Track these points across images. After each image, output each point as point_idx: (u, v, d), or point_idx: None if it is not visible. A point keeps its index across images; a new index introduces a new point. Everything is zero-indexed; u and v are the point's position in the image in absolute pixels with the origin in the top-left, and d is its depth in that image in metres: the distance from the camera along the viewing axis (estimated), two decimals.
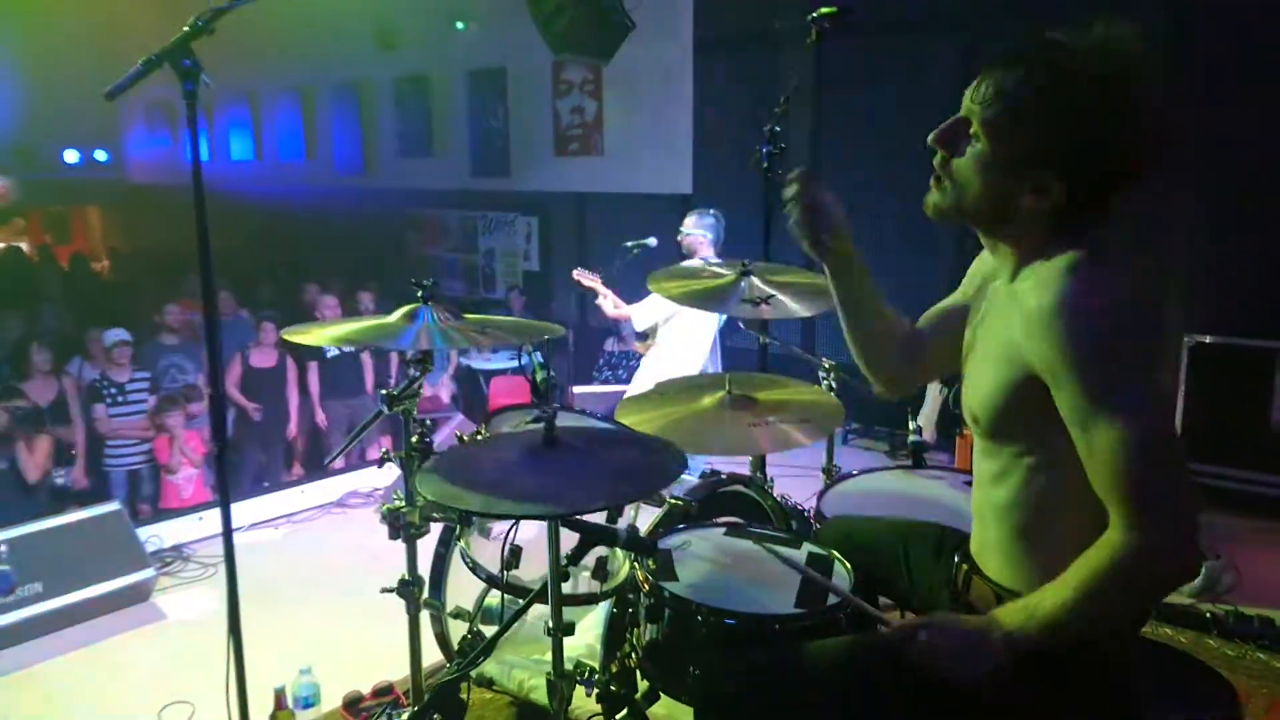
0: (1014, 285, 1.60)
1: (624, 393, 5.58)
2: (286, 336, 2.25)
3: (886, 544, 2.13)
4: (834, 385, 2.95)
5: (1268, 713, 3.25)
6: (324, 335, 2.30)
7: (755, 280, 2.80)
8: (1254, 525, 4.99)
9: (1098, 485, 1.47)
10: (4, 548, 4.00)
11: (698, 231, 5.15)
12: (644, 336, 5.44)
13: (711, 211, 5.26)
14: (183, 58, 1.90)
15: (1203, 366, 5.24)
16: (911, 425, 2.79)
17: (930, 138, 1.59)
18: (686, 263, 5.11)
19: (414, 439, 2.35)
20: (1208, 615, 3.89)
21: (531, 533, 2.38)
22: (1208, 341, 5.22)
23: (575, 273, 5.42)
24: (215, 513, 4.93)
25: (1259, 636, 3.74)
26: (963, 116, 1.56)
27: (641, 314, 5.20)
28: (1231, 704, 1.74)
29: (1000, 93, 1.49)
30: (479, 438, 2.56)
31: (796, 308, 2.77)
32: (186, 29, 1.91)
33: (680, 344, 5.15)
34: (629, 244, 5.33)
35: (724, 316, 5.37)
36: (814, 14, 3.03)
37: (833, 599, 2.06)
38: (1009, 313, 1.57)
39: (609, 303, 5.35)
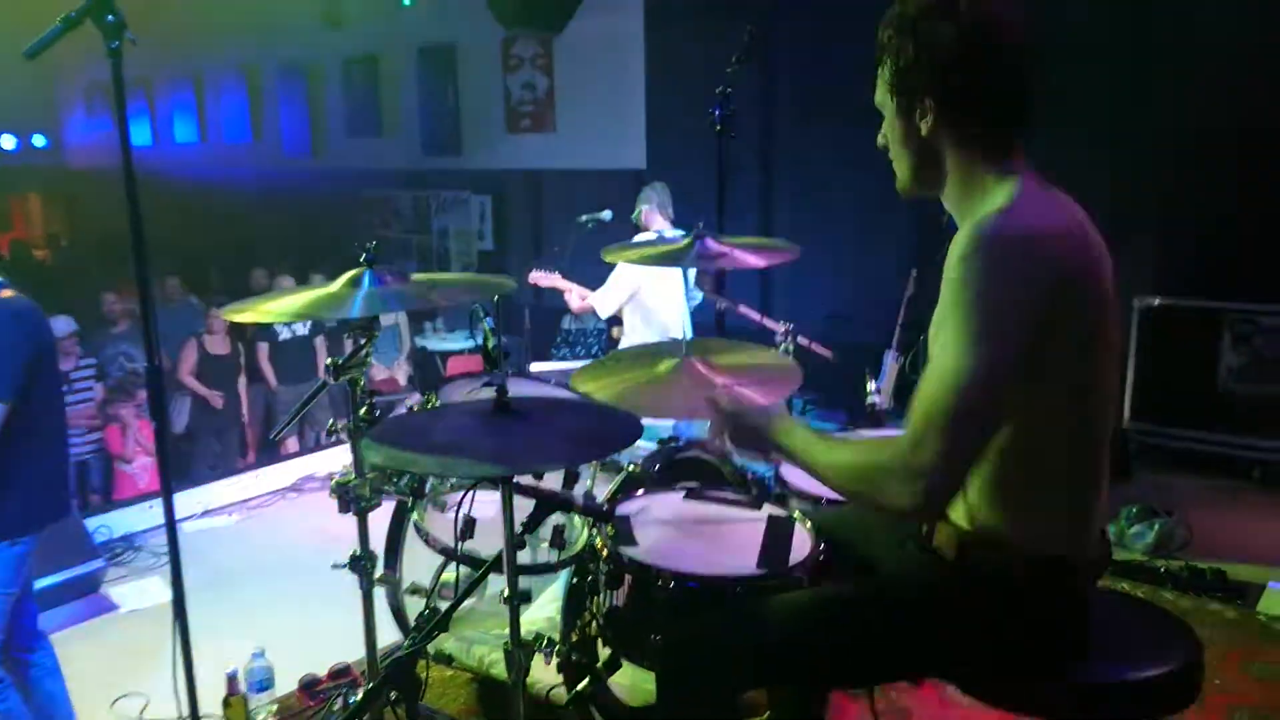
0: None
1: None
2: (228, 315, 2.15)
3: (848, 524, 2.16)
4: (790, 349, 2.93)
5: (1223, 661, 3.31)
6: (268, 310, 2.20)
7: (709, 242, 2.77)
8: (1203, 483, 5.08)
9: (916, 398, 1.55)
10: None
11: (641, 205, 5.13)
12: (614, 322, 5.35)
13: (653, 185, 5.23)
14: (105, 13, 1.81)
15: (1152, 328, 5.31)
16: (870, 386, 2.77)
17: (878, 143, 1.77)
18: (638, 236, 5.06)
19: (362, 411, 2.27)
20: (1163, 570, 3.96)
21: (489, 512, 2.32)
22: (1156, 303, 5.29)
23: (531, 276, 5.28)
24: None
25: (1212, 589, 3.82)
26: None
27: (603, 301, 5.10)
28: (1195, 651, 1.75)
29: (879, 65, 1.68)
30: (429, 405, 2.50)
31: (753, 259, 2.76)
32: None
33: (647, 324, 5.07)
34: (584, 218, 5.27)
35: (690, 289, 5.32)
36: None
37: (794, 559, 2.04)
38: None
39: (574, 296, 5.24)
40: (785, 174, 7.15)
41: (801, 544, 2.12)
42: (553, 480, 2.33)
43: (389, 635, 2.86)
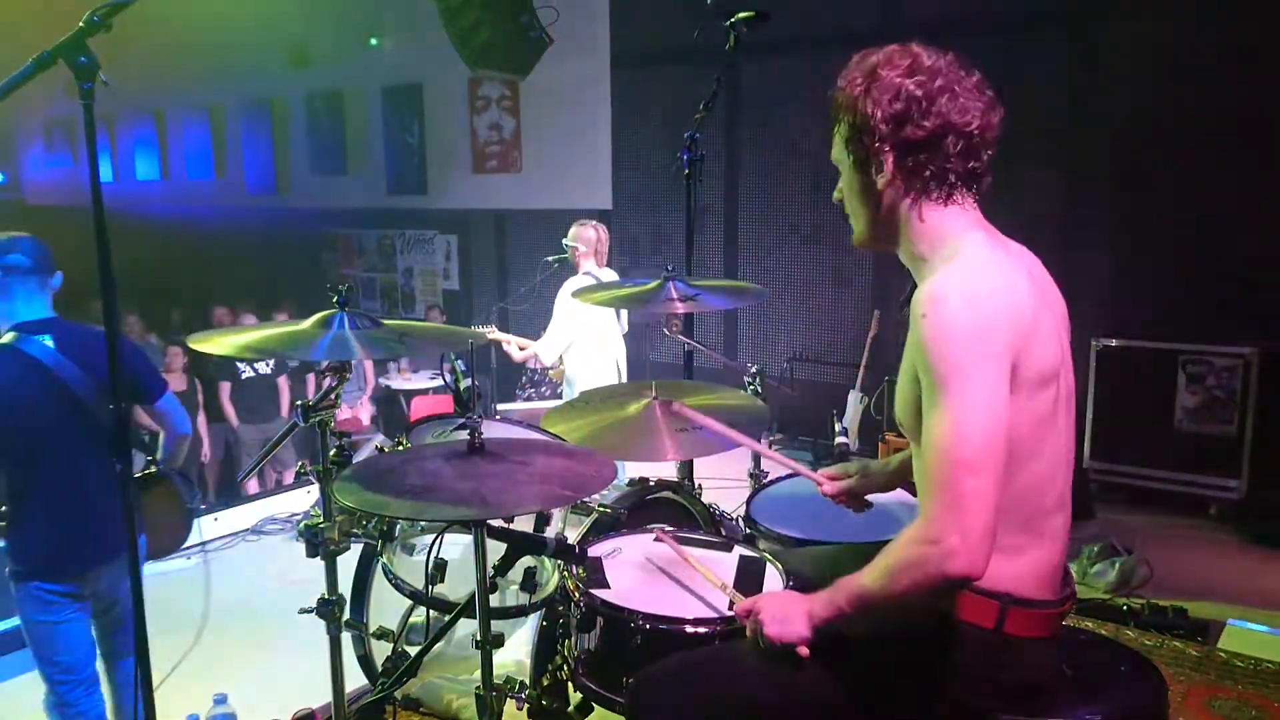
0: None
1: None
2: (194, 344, 2.13)
3: (817, 564, 2.16)
4: (759, 390, 2.96)
5: (1185, 698, 3.35)
6: (235, 343, 2.18)
7: (679, 284, 2.80)
8: (1162, 521, 5.15)
9: (919, 475, 1.56)
10: None
11: (575, 244, 5.13)
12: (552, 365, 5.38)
13: (592, 223, 5.25)
14: (78, 54, 1.79)
15: (1110, 369, 5.41)
16: (837, 427, 2.79)
17: (834, 198, 1.82)
18: (573, 278, 5.07)
19: (332, 452, 2.26)
20: (1124, 608, 4.00)
21: (456, 552, 2.31)
22: (1114, 345, 5.39)
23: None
24: None
25: (1173, 626, 3.86)
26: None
27: (548, 348, 5.12)
28: (1159, 689, 1.78)
29: (834, 124, 1.73)
30: (400, 448, 2.48)
31: (720, 303, 2.78)
32: (82, 24, 1.81)
33: (588, 364, 5.09)
34: (549, 258, 5.31)
35: (624, 332, 5.34)
36: (732, 19, 3.07)
37: None
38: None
39: (513, 347, 5.26)
40: (750, 217, 7.24)
41: (772, 584, 2.13)
42: (524, 522, 2.32)
43: (353, 680, 2.81)
